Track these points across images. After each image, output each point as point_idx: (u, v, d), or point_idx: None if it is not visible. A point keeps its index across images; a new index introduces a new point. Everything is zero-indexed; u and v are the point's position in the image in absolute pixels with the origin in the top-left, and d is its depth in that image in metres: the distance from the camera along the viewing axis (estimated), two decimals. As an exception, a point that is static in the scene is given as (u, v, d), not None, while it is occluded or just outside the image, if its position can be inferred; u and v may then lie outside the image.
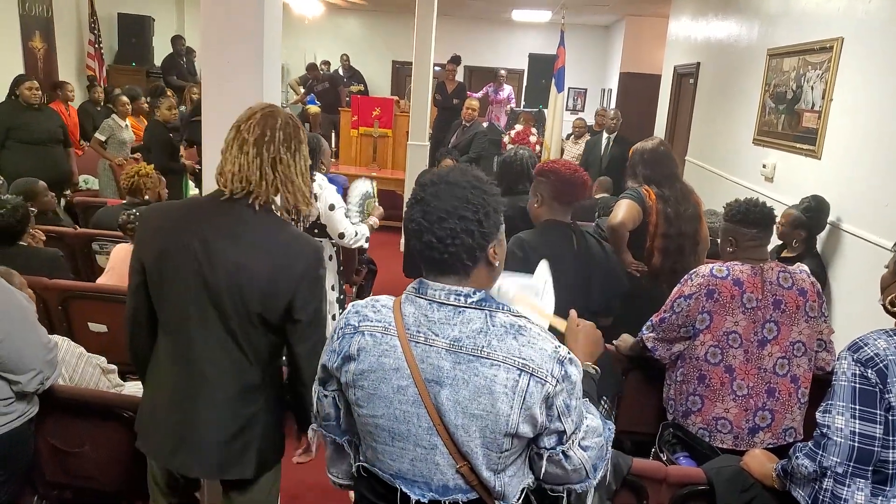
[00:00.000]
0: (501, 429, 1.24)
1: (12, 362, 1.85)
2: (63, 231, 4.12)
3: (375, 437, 1.33)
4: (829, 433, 1.57)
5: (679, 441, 2.48)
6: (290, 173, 1.71)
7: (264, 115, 1.69)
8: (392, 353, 1.29)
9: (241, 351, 1.71)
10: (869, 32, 3.36)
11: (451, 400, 1.25)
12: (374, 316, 1.34)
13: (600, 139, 7.10)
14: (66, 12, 8.41)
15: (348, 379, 1.33)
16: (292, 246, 1.71)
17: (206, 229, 1.67)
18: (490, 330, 1.26)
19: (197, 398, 1.71)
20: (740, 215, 2.38)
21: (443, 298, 1.29)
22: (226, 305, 1.66)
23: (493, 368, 1.23)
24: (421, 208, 1.29)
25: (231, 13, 2.15)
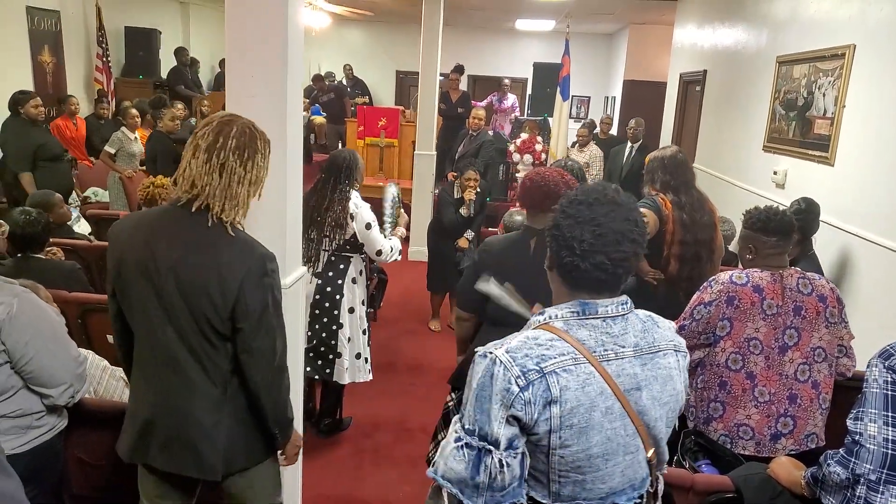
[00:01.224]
0: (678, 405, 1.40)
1: (44, 376, 1.87)
2: (78, 244, 4.15)
3: (584, 468, 1.29)
4: (861, 440, 1.57)
5: (701, 448, 2.48)
6: (234, 181, 1.70)
7: (220, 123, 1.72)
8: (592, 379, 1.28)
9: (196, 359, 1.73)
10: (881, 40, 3.38)
11: (649, 399, 1.33)
12: (551, 353, 1.27)
13: (623, 148, 7.13)
14: (74, 27, 8.47)
15: (553, 425, 1.24)
16: (235, 251, 1.71)
17: (154, 236, 1.70)
18: (646, 325, 1.37)
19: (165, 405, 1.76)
20: (761, 223, 2.39)
21: (615, 312, 1.34)
22: (177, 314, 1.69)
23: (665, 357, 1.37)
24: (592, 229, 1.29)
25: (255, 28, 2.17)
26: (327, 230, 3.35)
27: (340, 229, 3.34)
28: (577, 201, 1.33)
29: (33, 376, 1.86)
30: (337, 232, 3.34)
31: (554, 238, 1.34)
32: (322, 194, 3.39)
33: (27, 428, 1.91)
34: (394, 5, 9.67)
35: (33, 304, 1.87)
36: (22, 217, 3.12)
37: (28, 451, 1.92)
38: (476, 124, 6.97)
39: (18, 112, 5.41)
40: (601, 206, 1.30)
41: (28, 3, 7.57)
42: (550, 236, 1.36)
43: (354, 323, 3.50)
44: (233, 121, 1.73)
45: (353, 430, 3.83)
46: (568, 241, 1.30)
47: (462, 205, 4.95)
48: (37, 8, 7.70)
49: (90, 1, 8.61)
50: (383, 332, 5.28)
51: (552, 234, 1.35)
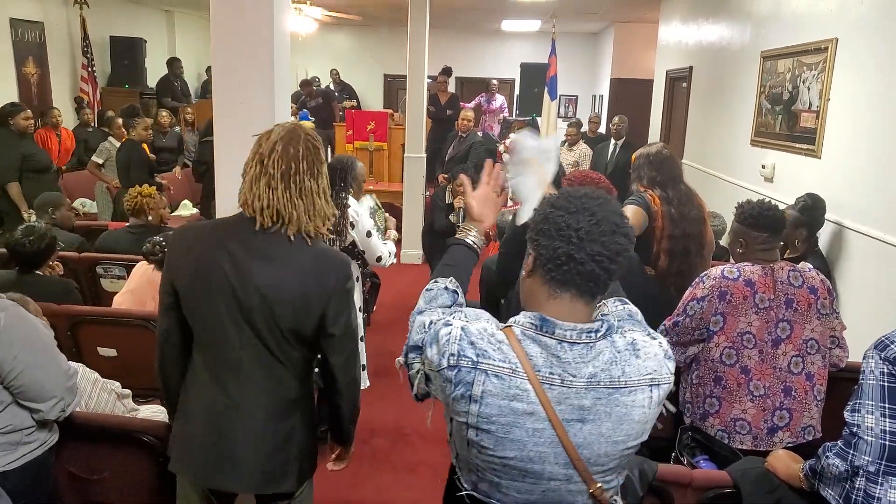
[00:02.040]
0: (637, 442, 1.29)
1: (34, 391, 1.85)
2: (67, 256, 4.11)
3: (500, 473, 1.28)
4: (859, 432, 1.57)
5: (698, 444, 2.49)
6: (314, 198, 1.74)
7: (285, 146, 1.70)
8: (524, 397, 1.22)
9: (277, 367, 1.74)
10: (862, 32, 3.40)
11: (594, 434, 1.24)
12: (494, 353, 1.25)
13: (607, 145, 7.16)
14: (58, 38, 8.45)
15: (469, 421, 1.25)
16: (322, 262, 1.74)
17: (238, 250, 1.69)
18: (618, 357, 1.25)
19: (235, 415, 1.73)
20: (752, 219, 2.39)
21: (575, 338, 1.25)
22: (260, 323, 1.69)
23: (631, 395, 1.24)
24: (587, 217, 1.23)
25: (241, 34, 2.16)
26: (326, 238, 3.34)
27: (340, 237, 3.33)
28: (565, 195, 1.28)
29: (23, 391, 1.84)
30: (336, 240, 3.33)
31: (542, 233, 1.26)
32: None
33: (17, 444, 1.89)
34: (380, 9, 9.67)
35: (21, 317, 1.85)
36: (26, 236, 3.08)
37: (19, 467, 1.89)
38: (465, 126, 6.98)
39: (7, 124, 5.38)
40: (591, 199, 1.25)
41: (11, 14, 7.54)
42: (538, 233, 1.27)
43: None
44: (294, 138, 1.72)
45: (349, 436, 3.81)
46: (563, 230, 1.22)
47: (453, 210, 4.93)
48: (21, 20, 7.67)
49: (74, 11, 8.58)
50: (377, 336, 5.26)
51: (539, 229, 1.27)
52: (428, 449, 3.71)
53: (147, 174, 5.82)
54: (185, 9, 11.27)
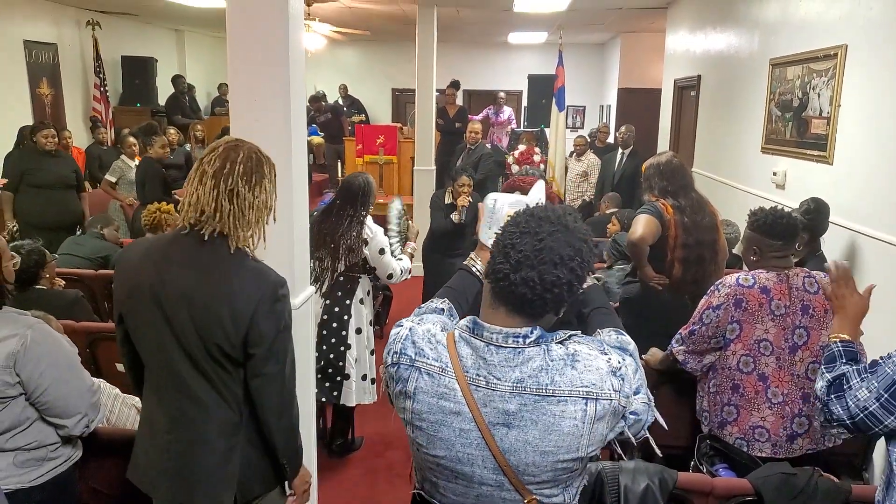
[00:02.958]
0: (573, 457, 1.24)
1: (59, 407, 1.87)
2: (83, 273, 4.16)
3: (437, 473, 1.32)
4: (848, 393, 1.64)
5: (717, 452, 2.48)
6: (245, 206, 1.70)
7: (227, 149, 1.71)
8: (451, 395, 1.26)
9: (213, 388, 1.72)
10: (872, 38, 3.40)
11: (520, 441, 1.23)
12: (430, 352, 1.29)
13: (615, 155, 7.18)
14: (71, 58, 8.57)
15: (406, 417, 1.31)
16: (248, 278, 1.70)
17: (163, 263, 1.69)
18: (550, 365, 1.24)
19: (178, 433, 1.74)
20: (766, 226, 2.39)
21: (501, 342, 1.26)
22: (189, 340, 1.68)
23: (560, 405, 1.22)
24: (532, 242, 1.22)
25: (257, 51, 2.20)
26: (341, 254, 3.36)
27: (353, 254, 3.36)
28: (528, 213, 1.28)
29: (48, 407, 1.86)
30: (349, 256, 3.36)
31: (496, 244, 1.28)
32: (338, 219, 3.39)
33: (43, 460, 1.91)
34: (388, 24, 9.75)
35: (47, 334, 1.87)
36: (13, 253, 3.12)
37: (44, 483, 1.91)
38: (473, 138, 7.01)
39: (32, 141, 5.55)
40: (549, 224, 1.24)
41: (26, 37, 7.66)
42: (494, 244, 1.30)
43: (361, 343, 3.51)
44: (239, 146, 1.73)
45: (365, 450, 3.82)
46: (507, 248, 1.24)
47: (453, 210, 4.78)
48: (34, 42, 7.79)
49: (87, 32, 8.71)
50: (390, 349, 5.27)
51: (496, 241, 1.29)
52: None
53: (162, 191, 5.88)
54: (195, 27, 11.41)
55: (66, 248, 4.58)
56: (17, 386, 1.80)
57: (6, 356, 1.77)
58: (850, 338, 1.77)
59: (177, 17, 9.66)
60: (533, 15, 8.18)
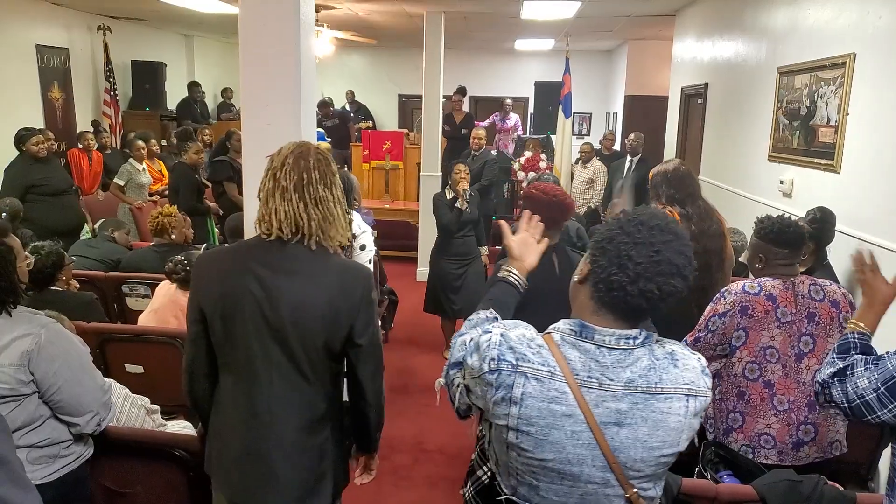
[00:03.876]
0: (673, 451, 1.31)
1: (72, 405, 1.90)
2: (93, 275, 4.19)
3: (539, 476, 1.32)
4: (850, 379, 1.68)
5: (722, 459, 2.48)
6: (331, 207, 1.77)
7: (296, 159, 1.75)
8: (563, 399, 1.27)
9: (307, 383, 1.76)
10: (881, 47, 3.42)
11: (630, 438, 1.27)
12: (534, 357, 1.29)
13: (623, 162, 7.20)
14: (82, 63, 8.65)
15: (510, 423, 1.29)
16: (346, 274, 1.78)
17: (262, 271, 1.73)
18: (656, 364, 1.30)
19: (268, 434, 1.76)
20: (773, 235, 2.40)
21: (613, 343, 1.29)
22: (290, 341, 1.72)
23: (667, 402, 1.28)
24: (648, 253, 1.24)
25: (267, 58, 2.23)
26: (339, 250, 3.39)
27: (344, 251, 3.38)
28: (637, 221, 1.27)
29: (61, 405, 1.89)
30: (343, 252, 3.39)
31: (603, 251, 1.28)
32: None
33: (55, 457, 1.94)
34: (394, 30, 9.81)
35: (60, 334, 1.90)
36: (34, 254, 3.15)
37: (56, 480, 1.94)
38: (477, 144, 7.03)
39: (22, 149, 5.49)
40: (662, 233, 1.25)
41: (38, 41, 7.74)
42: (598, 249, 1.29)
43: None
44: (305, 153, 1.77)
45: (370, 453, 3.83)
46: (622, 259, 1.24)
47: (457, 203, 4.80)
48: (46, 46, 7.87)
49: (98, 37, 8.78)
50: (395, 353, 5.29)
51: (601, 247, 1.29)
52: (449, 464, 3.73)
53: (195, 198, 5.90)
54: (204, 32, 11.49)
55: (77, 250, 4.62)
56: (30, 384, 1.83)
57: (20, 355, 1.80)
58: (868, 328, 1.81)
59: (186, 22, 9.74)
60: (540, 22, 8.21)
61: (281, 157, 1.77)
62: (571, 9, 7.07)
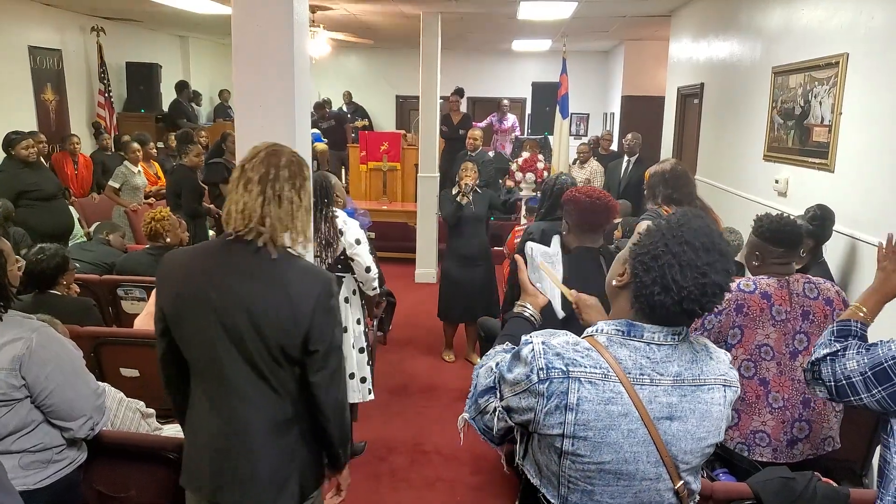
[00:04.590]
0: (715, 440, 1.35)
1: (64, 409, 1.89)
2: (88, 278, 4.18)
3: (595, 480, 1.31)
4: (840, 360, 1.72)
5: (717, 457, 2.48)
6: (293, 210, 1.73)
7: (268, 154, 1.73)
8: (618, 399, 1.27)
9: (269, 387, 1.73)
10: (873, 47, 3.42)
11: (682, 430, 1.30)
12: (584, 361, 1.28)
13: (620, 162, 7.21)
14: (76, 64, 8.62)
15: (566, 431, 1.27)
16: (303, 279, 1.73)
17: (218, 271, 1.70)
18: (697, 357, 1.34)
19: (234, 436, 1.75)
20: (770, 233, 2.40)
21: (662, 340, 1.32)
22: (247, 344, 1.69)
23: (710, 392, 1.32)
24: (696, 278, 1.24)
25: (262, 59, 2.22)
26: (317, 250, 3.39)
27: (330, 247, 3.38)
28: (681, 239, 1.26)
29: (53, 410, 1.88)
30: (328, 250, 3.38)
31: (646, 269, 1.28)
32: None
33: (48, 462, 1.93)
34: (391, 31, 9.81)
35: (52, 338, 1.89)
36: (38, 255, 3.15)
37: (49, 485, 1.93)
38: (473, 144, 7.04)
39: (11, 153, 5.42)
40: (707, 253, 1.25)
41: (30, 42, 7.71)
42: (640, 264, 1.30)
43: (348, 342, 3.52)
44: (279, 151, 1.75)
45: (367, 455, 3.83)
46: (667, 282, 1.25)
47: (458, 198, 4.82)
48: (39, 48, 7.85)
49: (91, 38, 8.75)
50: (394, 354, 5.29)
51: (645, 262, 1.29)
52: (446, 465, 3.72)
53: (196, 200, 5.87)
54: (199, 34, 11.48)
55: (71, 254, 4.60)
56: (22, 389, 1.82)
57: (11, 359, 1.79)
58: (869, 313, 1.85)
59: (181, 23, 9.73)
60: (537, 22, 8.21)
61: (254, 150, 1.76)
62: (568, 9, 7.08)
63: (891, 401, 1.61)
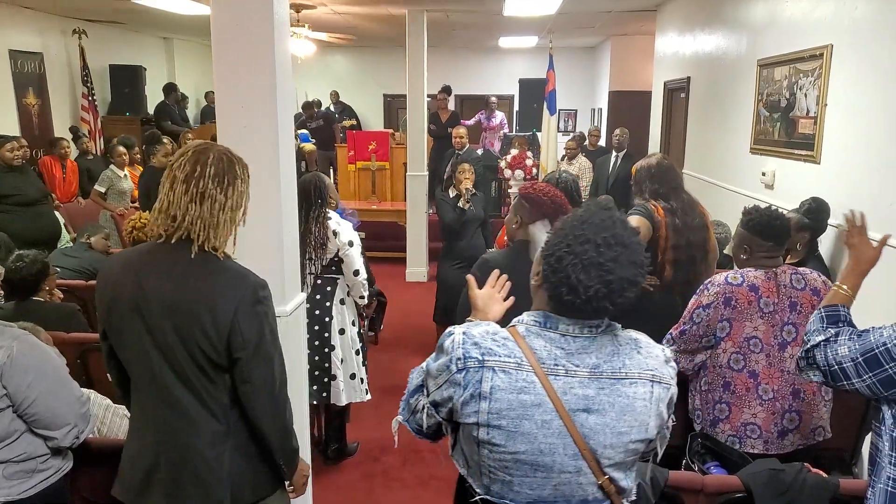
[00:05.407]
0: (641, 437, 1.31)
1: (48, 418, 1.86)
2: (74, 284, 4.14)
3: (512, 470, 1.31)
4: (832, 345, 1.73)
5: (708, 451, 2.49)
6: (215, 209, 1.66)
7: (196, 152, 1.68)
8: (531, 388, 1.27)
9: (197, 396, 1.68)
10: (857, 38, 3.44)
11: (599, 423, 1.28)
12: (499, 349, 1.30)
13: (608, 158, 7.21)
14: (58, 68, 8.53)
15: (480, 419, 1.29)
16: (226, 282, 1.68)
17: (144, 275, 1.66)
18: (619, 350, 1.32)
19: (164, 445, 1.71)
20: (759, 227, 2.40)
21: (577, 332, 1.31)
22: (174, 352, 1.65)
23: (632, 386, 1.30)
24: (601, 275, 1.23)
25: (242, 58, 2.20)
26: (310, 252, 3.36)
27: (323, 249, 3.37)
28: (583, 238, 1.26)
29: (37, 419, 1.85)
30: (320, 252, 3.37)
31: (554, 271, 1.28)
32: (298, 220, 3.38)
33: (32, 472, 1.90)
34: (377, 30, 9.77)
35: (34, 346, 1.87)
36: (17, 262, 3.12)
37: (34, 495, 1.90)
38: (459, 143, 7.04)
39: None
40: (609, 248, 1.24)
41: (11, 46, 7.63)
42: (548, 265, 1.29)
43: (346, 344, 3.51)
44: (208, 148, 1.70)
45: (360, 455, 3.82)
46: (573, 283, 1.24)
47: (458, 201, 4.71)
48: (20, 51, 7.76)
49: (73, 41, 8.66)
50: (385, 354, 5.27)
51: (551, 263, 1.28)
52: (439, 463, 3.71)
53: None
54: (184, 35, 11.40)
55: (54, 260, 4.54)
56: (3, 398, 1.80)
57: (-8, 368, 1.76)
58: (851, 289, 1.86)
59: (165, 25, 9.65)
60: (523, 19, 8.21)
61: (184, 148, 1.72)
62: (553, 5, 7.07)
63: (881, 386, 1.62)
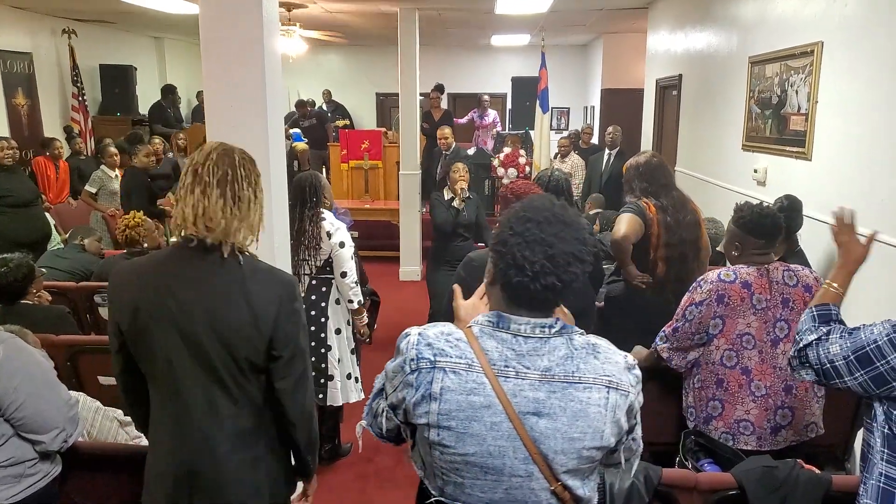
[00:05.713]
0: (596, 444, 1.28)
1: (35, 422, 1.84)
2: (64, 286, 4.11)
3: (463, 472, 1.30)
4: (824, 343, 1.73)
5: (701, 448, 2.49)
6: (251, 210, 1.68)
7: (220, 155, 1.66)
8: (480, 390, 1.27)
9: (231, 397, 1.67)
10: (847, 35, 3.44)
11: (550, 428, 1.26)
12: (451, 350, 1.30)
13: (601, 156, 7.21)
14: (47, 68, 8.47)
15: (430, 420, 1.29)
16: (265, 284, 1.68)
17: (176, 282, 1.63)
18: (574, 354, 1.29)
19: (197, 450, 1.68)
20: (751, 224, 2.40)
21: (529, 332, 1.30)
22: (210, 355, 1.63)
23: (586, 391, 1.27)
24: (544, 250, 1.25)
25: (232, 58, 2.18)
26: (304, 253, 3.34)
27: (317, 249, 3.35)
28: (525, 218, 1.29)
29: (24, 423, 1.83)
30: (314, 252, 3.35)
31: (500, 255, 1.30)
32: (292, 219, 3.35)
33: (20, 476, 1.88)
34: (369, 28, 9.75)
35: (20, 349, 1.85)
36: (1, 268, 3.09)
37: (23, 500, 1.88)
38: (445, 144, 7.00)
39: None
40: (550, 225, 1.27)
41: (-1, 46, 7.58)
42: (495, 252, 1.31)
43: (342, 344, 3.50)
44: (230, 150, 1.69)
45: (354, 455, 3.80)
46: (518, 261, 1.26)
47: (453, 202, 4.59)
48: (8, 51, 7.71)
49: (63, 41, 8.60)
50: (378, 354, 5.23)
51: (497, 250, 1.31)
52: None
53: (147, 201, 5.81)
54: (175, 35, 11.35)
55: (46, 261, 4.52)
56: (-9, 401, 1.78)
57: (-21, 372, 1.75)
58: (840, 287, 1.86)
59: (156, 24, 9.60)
60: (515, 17, 8.20)
61: (204, 152, 1.68)
62: (545, 3, 7.07)
63: (872, 384, 1.62)
